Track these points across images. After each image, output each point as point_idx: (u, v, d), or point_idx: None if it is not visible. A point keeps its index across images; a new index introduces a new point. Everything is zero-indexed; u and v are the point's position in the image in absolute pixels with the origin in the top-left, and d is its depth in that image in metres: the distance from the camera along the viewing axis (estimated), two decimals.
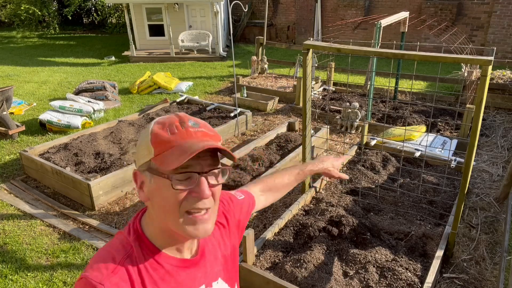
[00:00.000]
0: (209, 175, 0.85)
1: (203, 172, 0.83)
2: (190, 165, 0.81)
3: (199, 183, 0.82)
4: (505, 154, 4.72)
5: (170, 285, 0.87)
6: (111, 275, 0.81)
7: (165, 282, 0.87)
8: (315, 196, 3.67)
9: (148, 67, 10.04)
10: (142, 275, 0.84)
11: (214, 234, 1.03)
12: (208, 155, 0.85)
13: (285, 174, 1.40)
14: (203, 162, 0.83)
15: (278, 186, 1.38)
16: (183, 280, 0.90)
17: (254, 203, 1.27)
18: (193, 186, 0.82)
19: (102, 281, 0.79)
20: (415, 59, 2.65)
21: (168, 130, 0.83)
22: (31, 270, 3.03)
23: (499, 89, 6.14)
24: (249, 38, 13.52)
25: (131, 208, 3.86)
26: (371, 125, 5.47)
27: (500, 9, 9.35)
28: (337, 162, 1.50)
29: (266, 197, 1.35)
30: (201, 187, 0.82)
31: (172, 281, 0.88)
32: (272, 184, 1.37)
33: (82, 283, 0.81)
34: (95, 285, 0.78)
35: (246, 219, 1.20)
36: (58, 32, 15.95)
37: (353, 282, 2.55)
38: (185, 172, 0.81)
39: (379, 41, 5.04)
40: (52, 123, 5.58)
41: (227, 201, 1.15)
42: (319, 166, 1.46)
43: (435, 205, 3.49)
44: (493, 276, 2.84)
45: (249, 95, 6.94)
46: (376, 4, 11.09)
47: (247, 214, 1.21)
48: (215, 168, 0.85)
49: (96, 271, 0.81)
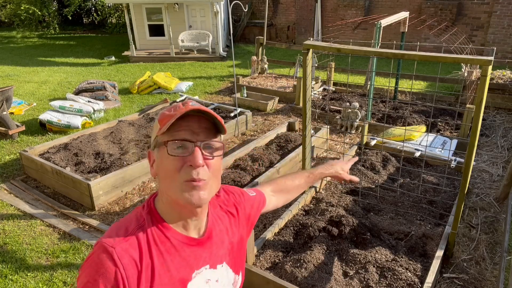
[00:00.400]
0: (204, 148, 0.93)
1: (196, 142, 0.91)
2: (186, 138, 0.91)
3: (192, 152, 0.91)
4: (505, 154, 4.72)
5: (175, 258, 0.94)
6: (122, 241, 0.89)
7: (170, 255, 0.94)
8: (315, 196, 3.67)
9: (148, 67, 10.04)
10: (150, 246, 0.92)
11: (223, 221, 1.11)
12: (204, 130, 0.94)
13: (296, 177, 1.45)
14: (199, 136, 0.93)
15: (289, 188, 1.42)
16: (187, 256, 0.97)
17: (265, 202, 1.32)
18: (187, 155, 0.91)
19: (114, 245, 0.88)
20: (415, 59, 2.65)
21: (172, 109, 0.94)
22: (31, 270, 3.03)
23: (499, 89, 6.14)
24: (249, 38, 13.52)
25: (131, 208, 3.86)
26: (371, 125, 5.47)
27: (500, 9, 9.35)
28: (346, 166, 1.55)
29: (277, 198, 1.40)
30: (194, 155, 0.90)
31: (177, 255, 0.95)
32: (283, 186, 1.41)
33: (97, 246, 0.90)
34: (107, 248, 0.87)
35: (257, 215, 1.26)
36: (58, 32, 15.95)
37: (353, 282, 2.55)
38: (179, 139, 0.91)
39: (379, 41, 5.04)
40: (52, 123, 5.58)
41: (238, 194, 1.23)
42: (329, 170, 1.50)
43: (435, 205, 3.49)
44: (493, 276, 2.84)
45: (249, 95, 6.94)
46: (376, 4, 11.09)
47: (258, 210, 1.27)
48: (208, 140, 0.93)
49: (110, 237, 0.90)
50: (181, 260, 0.95)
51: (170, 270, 0.93)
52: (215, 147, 0.95)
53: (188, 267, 0.96)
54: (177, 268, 0.94)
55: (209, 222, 1.05)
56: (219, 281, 1.04)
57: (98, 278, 0.84)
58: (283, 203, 1.43)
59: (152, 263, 0.90)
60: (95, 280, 0.84)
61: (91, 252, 0.90)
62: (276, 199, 1.39)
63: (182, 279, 0.95)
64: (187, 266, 0.96)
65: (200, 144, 0.92)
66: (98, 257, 0.87)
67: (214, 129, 0.96)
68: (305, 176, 1.46)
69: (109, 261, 0.86)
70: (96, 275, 0.85)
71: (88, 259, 0.89)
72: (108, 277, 0.84)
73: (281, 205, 1.42)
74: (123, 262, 0.86)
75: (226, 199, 1.17)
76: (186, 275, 0.96)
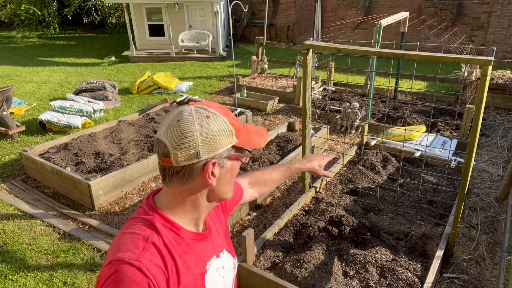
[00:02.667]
0: None
1: None
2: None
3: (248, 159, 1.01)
4: (505, 154, 4.72)
5: (191, 256, 0.97)
6: (143, 252, 0.86)
7: (188, 254, 0.96)
8: (315, 196, 3.67)
9: (148, 67, 10.04)
10: (169, 249, 0.92)
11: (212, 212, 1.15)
12: None
13: (273, 170, 1.49)
14: None
15: (266, 181, 1.46)
16: (200, 251, 1.00)
17: (242, 194, 1.35)
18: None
19: (138, 258, 0.84)
20: (415, 59, 2.65)
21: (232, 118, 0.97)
22: (31, 270, 3.03)
23: (499, 89, 6.14)
24: (249, 38, 13.52)
25: (131, 208, 3.86)
26: (371, 125, 5.47)
27: (500, 9, 9.35)
28: (323, 161, 1.60)
29: (254, 190, 1.43)
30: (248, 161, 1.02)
31: (192, 252, 0.98)
32: (260, 178, 1.45)
33: (116, 264, 0.84)
34: (132, 263, 0.83)
35: (233, 207, 1.29)
36: (58, 32, 15.95)
37: (353, 282, 2.55)
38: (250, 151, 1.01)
39: (379, 41, 5.04)
40: (52, 123, 5.58)
41: None
42: (306, 165, 1.55)
43: (435, 205, 3.49)
44: (493, 276, 2.84)
45: (249, 95, 6.94)
46: (376, 4, 11.09)
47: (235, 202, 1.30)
48: None
49: (128, 252, 0.86)
50: (196, 256, 0.98)
51: (190, 268, 0.96)
52: None
53: (202, 261, 1.00)
54: (195, 264, 0.98)
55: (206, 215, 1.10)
56: (225, 267, 1.09)
57: None
58: (259, 195, 1.46)
59: (176, 265, 0.92)
60: None
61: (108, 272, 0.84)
62: (253, 191, 1.43)
63: (201, 273, 0.99)
64: (201, 261, 1.00)
65: None
66: (124, 274, 0.83)
67: None
68: (282, 170, 1.50)
69: (139, 275, 0.83)
70: None
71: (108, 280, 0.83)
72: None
73: (257, 197, 1.46)
74: (152, 272, 0.85)
75: None
76: (202, 268, 1.00)
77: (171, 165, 0.91)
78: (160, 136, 0.91)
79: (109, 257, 0.88)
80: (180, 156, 0.89)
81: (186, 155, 0.89)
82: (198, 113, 0.91)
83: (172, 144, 0.89)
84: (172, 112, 0.95)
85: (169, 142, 0.89)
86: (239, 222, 3.59)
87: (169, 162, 0.91)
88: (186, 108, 0.92)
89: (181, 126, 0.89)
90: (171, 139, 0.89)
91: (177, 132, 0.89)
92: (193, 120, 0.89)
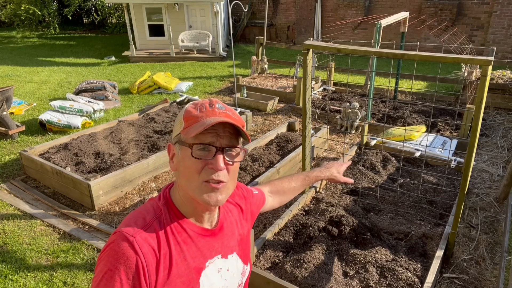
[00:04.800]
0: (227, 153, 0.97)
1: (220, 147, 0.95)
2: (212, 141, 0.94)
3: (215, 156, 0.94)
4: (505, 154, 4.72)
5: (191, 248, 0.99)
6: (141, 231, 0.92)
7: (187, 245, 0.98)
8: (315, 196, 3.67)
9: (148, 67, 10.04)
10: (168, 236, 0.96)
11: (233, 213, 1.16)
12: (228, 135, 0.97)
13: (292, 179, 1.49)
14: (223, 140, 0.96)
15: (285, 190, 1.46)
16: (202, 246, 1.01)
17: (264, 201, 1.37)
18: (210, 159, 0.94)
19: (134, 234, 0.91)
20: (415, 59, 2.65)
21: (198, 109, 0.97)
22: (31, 270, 3.03)
23: (499, 89, 6.14)
24: (249, 38, 13.52)
25: (131, 208, 3.86)
26: (371, 125, 5.47)
27: (500, 9, 9.35)
28: (341, 168, 1.59)
29: (274, 199, 1.44)
30: (217, 159, 0.94)
31: (193, 245, 0.99)
32: (280, 187, 1.46)
33: (116, 235, 0.92)
34: (127, 237, 0.90)
35: (257, 213, 1.31)
36: (58, 32, 15.95)
37: (353, 282, 2.55)
38: (204, 143, 0.94)
39: (379, 41, 5.04)
40: (52, 123, 5.58)
41: (246, 190, 1.29)
42: (325, 173, 1.54)
43: (435, 205, 3.49)
44: (493, 276, 2.84)
45: (249, 95, 6.94)
46: (376, 4, 11.09)
47: (258, 208, 1.32)
48: (232, 147, 0.97)
49: (129, 227, 0.93)
50: (196, 250, 1.00)
51: (186, 259, 0.97)
52: (236, 152, 0.99)
53: (202, 257, 1.01)
54: (193, 257, 0.99)
55: (220, 214, 1.11)
56: (230, 270, 1.09)
57: (119, 266, 0.87)
58: (278, 205, 1.47)
59: (170, 252, 0.94)
60: (116, 268, 0.87)
61: (109, 241, 0.92)
62: (273, 200, 1.43)
63: (197, 268, 0.99)
64: (201, 256, 1.01)
65: (223, 149, 0.96)
66: (118, 246, 0.89)
67: (237, 134, 1.00)
68: (301, 179, 1.50)
69: (130, 249, 0.88)
70: (117, 263, 0.87)
71: (106, 248, 0.90)
72: (129, 265, 0.87)
73: (276, 206, 1.46)
74: (143, 250, 0.89)
75: (235, 193, 1.23)
76: (200, 264, 1.00)
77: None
78: None
79: (120, 225, 0.96)
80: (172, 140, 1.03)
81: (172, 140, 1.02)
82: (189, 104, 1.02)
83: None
84: None
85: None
86: None
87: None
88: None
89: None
90: None
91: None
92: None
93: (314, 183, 1.64)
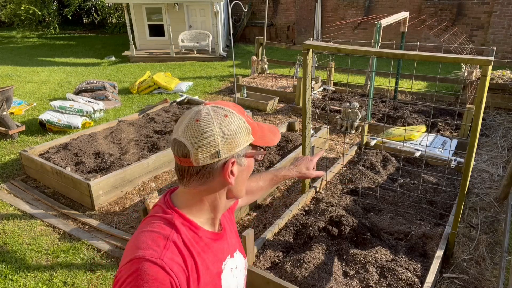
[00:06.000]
0: None
1: None
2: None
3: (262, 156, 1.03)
4: (505, 154, 4.72)
5: (209, 255, 0.98)
6: (164, 251, 0.86)
7: (206, 253, 0.97)
8: (315, 196, 3.67)
9: (148, 67, 10.04)
10: (189, 248, 0.92)
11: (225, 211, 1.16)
12: None
13: (259, 179, 1.46)
14: None
15: (253, 189, 1.44)
16: (217, 251, 1.01)
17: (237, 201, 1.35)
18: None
19: (160, 256, 0.84)
20: (415, 59, 2.65)
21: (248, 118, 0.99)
22: (31, 270, 3.03)
23: (499, 89, 6.14)
24: (249, 38, 13.52)
25: (131, 208, 3.86)
26: (371, 125, 5.47)
27: (500, 9, 9.35)
28: (311, 164, 1.54)
29: (243, 199, 1.41)
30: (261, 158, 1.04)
31: (210, 252, 0.98)
32: (248, 187, 1.42)
33: (138, 263, 0.83)
34: (155, 261, 0.83)
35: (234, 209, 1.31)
36: (58, 32, 15.95)
37: (353, 282, 2.55)
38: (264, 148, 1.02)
39: (379, 41, 5.04)
40: (52, 123, 5.58)
41: None
42: (293, 172, 1.50)
43: (435, 205, 3.49)
44: (493, 276, 2.84)
45: (249, 95, 6.94)
46: (376, 4, 11.09)
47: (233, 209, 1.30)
48: None
49: (149, 250, 0.85)
50: (213, 256, 0.99)
51: (209, 267, 0.96)
52: None
53: (218, 261, 1.01)
54: (213, 263, 0.98)
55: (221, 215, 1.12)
56: (238, 267, 1.10)
57: None
58: (246, 204, 1.46)
59: (195, 264, 0.92)
60: None
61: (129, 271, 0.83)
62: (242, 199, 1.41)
63: (217, 273, 0.99)
64: (217, 260, 1.01)
65: None
66: (147, 273, 0.82)
67: None
68: (269, 178, 1.48)
69: (162, 272, 0.83)
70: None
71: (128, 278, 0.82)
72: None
73: (244, 205, 1.45)
74: (174, 271, 0.85)
75: None
76: (218, 268, 1.00)
77: (191, 165, 0.91)
78: (178, 137, 0.90)
79: (128, 255, 0.86)
80: (201, 155, 0.89)
81: (206, 155, 0.89)
82: (216, 113, 0.91)
83: (192, 144, 0.88)
84: (187, 112, 0.94)
85: (189, 142, 0.89)
86: (239, 222, 3.59)
87: (188, 162, 0.91)
88: (203, 108, 0.92)
89: (200, 125, 0.89)
90: (191, 139, 0.89)
91: (196, 132, 0.88)
92: (212, 120, 0.89)
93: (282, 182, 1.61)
